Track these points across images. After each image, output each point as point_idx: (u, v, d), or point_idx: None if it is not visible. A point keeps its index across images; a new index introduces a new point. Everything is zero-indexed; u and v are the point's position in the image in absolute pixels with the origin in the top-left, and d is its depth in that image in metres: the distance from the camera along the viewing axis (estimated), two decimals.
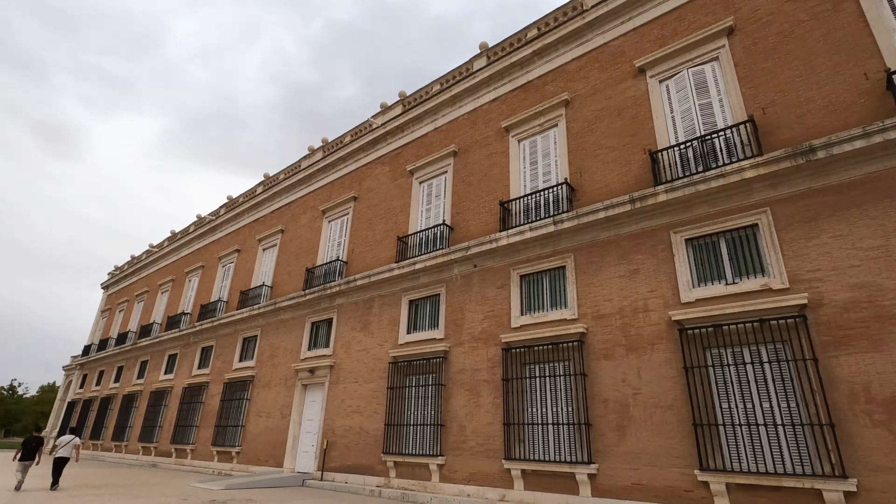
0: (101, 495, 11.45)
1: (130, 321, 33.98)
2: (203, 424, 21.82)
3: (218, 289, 26.06)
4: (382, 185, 18.74)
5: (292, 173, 24.04)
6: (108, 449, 28.45)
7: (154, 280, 33.40)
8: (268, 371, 19.74)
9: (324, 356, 17.48)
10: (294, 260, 21.41)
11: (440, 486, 12.32)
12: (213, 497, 11.72)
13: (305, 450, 16.93)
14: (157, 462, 23.32)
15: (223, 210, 29.03)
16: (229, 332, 22.97)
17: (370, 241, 18.06)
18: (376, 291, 16.58)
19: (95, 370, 35.27)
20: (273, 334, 20.41)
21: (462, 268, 14.27)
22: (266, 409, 18.89)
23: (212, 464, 20.20)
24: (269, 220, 24.52)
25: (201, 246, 29.86)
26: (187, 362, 25.19)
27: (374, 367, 15.49)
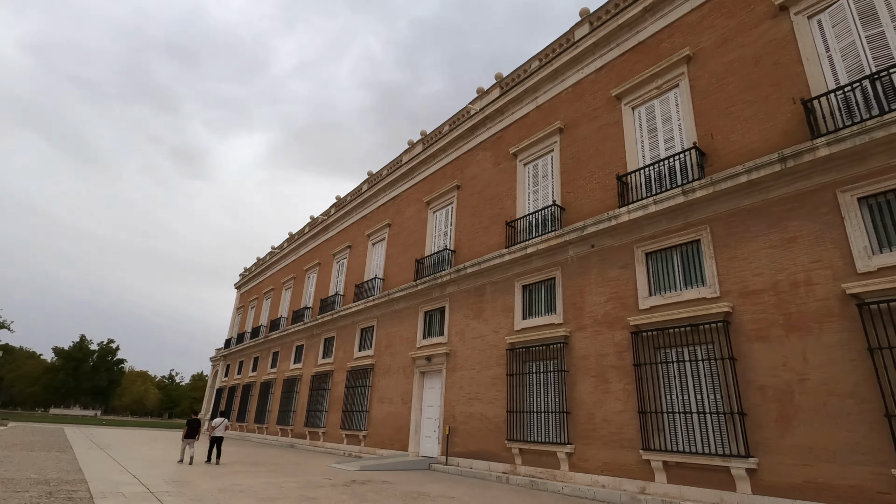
0: (258, 472, 12.68)
1: (261, 316, 37.67)
2: (331, 409, 23.48)
3: (334, 283, 27.80)
4: (485, 172, 18.51)
5: (394, 168, 24.75)
6: (252, 430, 31.89)
7: (278, 278, 36.63)
8: (386, 360, 20.63)
9: (439, 344, 17.80)
10: (402, 252, 22.06)
11: (570, 475, 11.90)
12: (352, 478, 12.45)
13: (427, 435, 17.42)
14: (294, 443, 25.61)
15: (333, 210, 30.85)
16: (348, 324, 24.40)
17: (477, 228, 17.96)
18: (487, 278, 16.45)
19: (236, 361, 39.72)
20: (388, 324, 21.26)
21: (578, 249, 13.58)
22: (388, 396, 19.76)
23: (342, 446, 21.67)
24: (376, 216, 25.54)
25: (316, 245, 32.07)
26: (313, 352, 27.27)
27: (491, 354, 15.41)
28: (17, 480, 8.82)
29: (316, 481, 11.37)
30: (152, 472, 11.49)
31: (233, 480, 10.66)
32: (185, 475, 11.17)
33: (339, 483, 11.25)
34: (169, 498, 8.06)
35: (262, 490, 9.52)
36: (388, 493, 9.95)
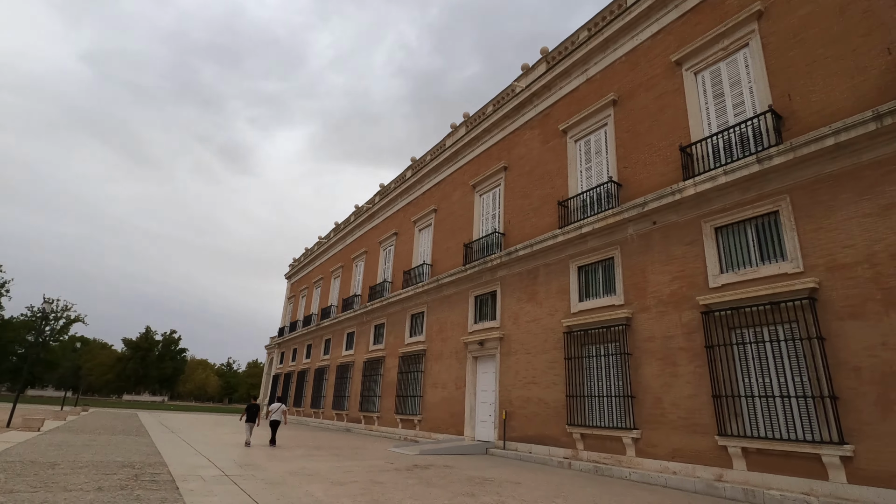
0: (322, 456, 12.98)
1: (311, 305, 38.69)
2: (385, 394, 23.84)
3: (382, 271, 28.05)
4: (533, 151, 17.95)
5: (438, 153, 24.49)
6: (309, 415, 32.99)
7: (327, 267, 37.41)
8: (438, 345, 20.64)
9: (491, 329, 17.59)
10: (450, 237, 21.88)
11: (637, 461, 11.48)
12: (414, 462, 12.52)
13: (483, 419, 17.34)
14: (350, 427, 26.26)
15: (377, 198, 31.02)
16: (398, 310, 24.58)
17: (526, 209, 17.50)
18: (540, 260, 16.03)
19: (290, 348, 41.10)
20: (438, 310, 21.23)
21: (638, 226, 12.93)
22: (441, 381, 19.81)
23: (397, 430, 21.99)
24: (421, 202, 25.44)
25: (362, 233, 32.44)
26: (364, 339, 27.73)
27: (547, 338, 15.06)
28: (106, 464, 9.33)
29: (379, 465, 11.49)
30: (223, 455, 11.95)
31: (300, 464, 10.92)
32: (254, 458, 11.54)
33: (402, 467, 11.32)
34: (244, 481, 8.28)
35: (329, 474, 9.68)
36: (452, 478, 9.89)
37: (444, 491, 8.36)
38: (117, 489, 6.96)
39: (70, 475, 7.83)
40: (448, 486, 8.87)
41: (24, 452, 10.17)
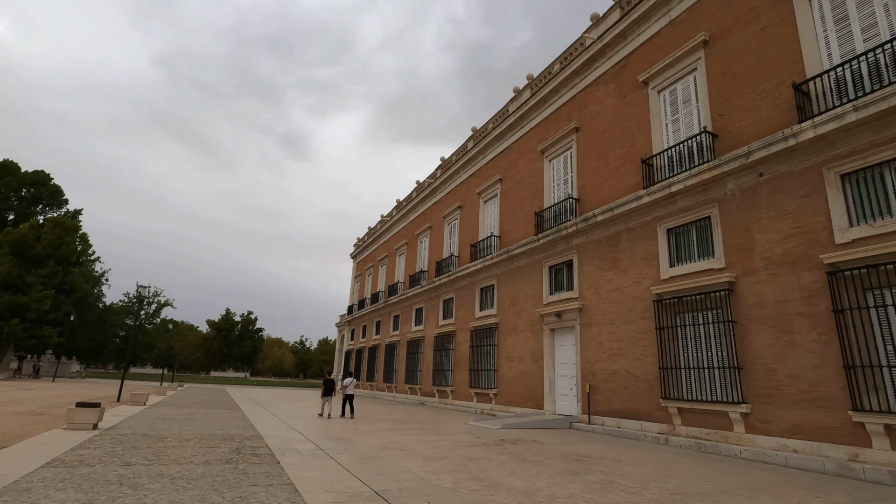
0: (406, 430, 12.97)
1: (378, 282, 39.34)
2: (457, 369, 23.78)
3: (447, 245, 27.74)
4: (608, 108, 16.61)
5: (501, 120, 23.50)
6: (382, 389, 33.85)
7: (391, 245, 37.73)
8: (511, 318, 20.12)
9: (569, 300, 16.78)
10: (518, 206, 21.05)
11: (748, 437, 10.46)
12: (499, 436, 12.21)
13: (563, 393, 16.74)
14: (423, 401, 26.58)
15: (439, 172, 30.54)
16: (466, 284, 24.24)
17: (603, 171, 16.32)
18: (622, 225, 14.93)
19: (359, 325, 42.24)
20: (510, 282, 20.63)
21: (740, 180, 11.55)
22: (516, 354, 19.34)
23: (471, 404, 21.89)
24: (485, 172, 24.66)
25: (425, 209, 32.21)
26: (433, 314, 27.75)
27: (633, 307, 14.08)
28: (208, 437, 9.68)
29: (465, 440, 11.25)
30: (311, 428, 12.19)
31: (388, 438, 10.87)
32: (343, 433, 11.66)
33: (490, 442, 11.01)
34: (339, 455, 8.25)
35: (419, 448, 9.52)
36: (546, 454, 9.43)
37: (543, 469, 7.91)
38: (223, 462, 7.06)
39: (178, 448, 8.11)
40: (545, 463, 8.41)
41: (135, 425, 10.81)
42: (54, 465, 6.28)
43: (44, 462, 6.37)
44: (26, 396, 19.40)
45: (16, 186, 52.15)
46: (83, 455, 6.99)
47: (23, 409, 14.20)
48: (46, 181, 54.16)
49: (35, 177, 53.56)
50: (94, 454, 7.10)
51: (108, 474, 5.91)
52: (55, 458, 6.61)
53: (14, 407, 14.55)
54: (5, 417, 11.66)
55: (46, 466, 6.15)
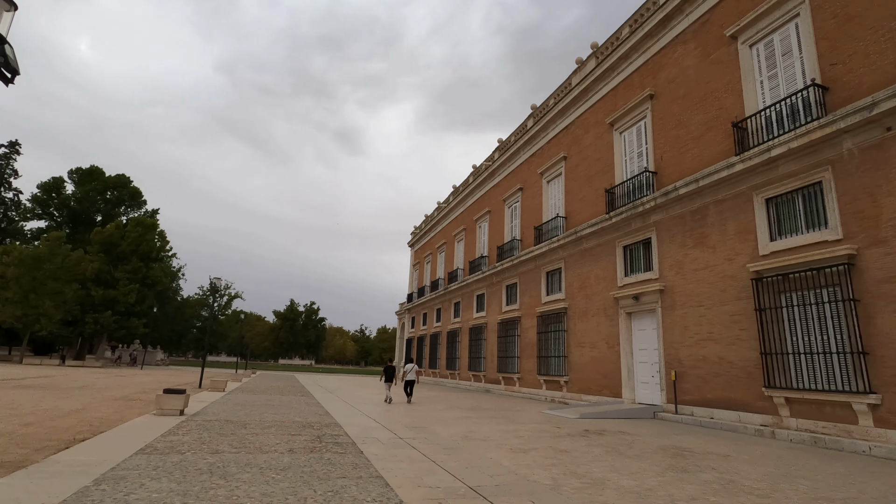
0: (481, 418, 12.52)
1: (437, 270, 39.18)
2: (524, 355, 23.09)
3: (509, 229, 26.93)
4: (688, 70, 15.12)
5: (563, 95, 22.27)
6: (444, 376, 33.77)
7: (449, 231, 37.37)
8: (581, 302, 19.14)
9: (648, 281, 15.61)
10: (586, 184, 19.88)
11: (878, 432, 9.12)
12: (582, 426, 11.48)
13: (643, 380, 15.67)
14: (489, 388, 26.15)
15: (497, 154, 29.67)
16: (530, 269, 23.39)
17: (684, 140, 14.92)
18: (709, 197, 13.57)
19: (420, 313, 42.39)
20: (578, 264, 19.60)
21: (860, 137, 10.01)
22: (588, 340, 18.39)
23: (540, 391, 21.17)
24: (547, 151, 23.56)
25: (483, 193, 31.49)
26: (495, 300, 27.13)
27: (725, 287, 12.78)
28: (288, 424, 9.65)
29: (546, 429, 10.63)
30: (385, 416, 12.00)
31: (466, 427, 10.45)
32: (419, 420, 11.37)
33: (574, 432, 10.32)
34: (421, 445, 7.88)
35: (501, 438, 9.00)
36: (641, 447, 8.63)
37: (645, 464, 7.15)
38: (307, 451, 6.86)
39: (261, 435, 8.04)
40: (644, 458, 7.63)
41: (218, 411, 11.03)
42: (147, 451, 6.28)
43: (137, 448, 6.40)
44: (119, 383, 20.77)
45: (101, 190, 56.51)
46: (173, 441, 7.02)
47: (117, 394, 15.06)
48: (127, 184, 58.30)
49: (117, 180, 57.78)
50: (183, 440, 7.12)
51: (198, 462, 5.81)
52: (147, 445, 6.65)
53: (109, 392, 15.48)
54: (103, 402, 12.31)
55: (140, 453, 6.16)
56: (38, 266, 37.86)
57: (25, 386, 16.43)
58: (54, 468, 5.20)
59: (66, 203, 54.31)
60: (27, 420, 8.47)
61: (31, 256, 37.90)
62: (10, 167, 50.49)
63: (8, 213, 50.79)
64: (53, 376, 23.02)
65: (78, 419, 9.01)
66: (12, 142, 50.61)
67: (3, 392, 13.74)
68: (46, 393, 14.17)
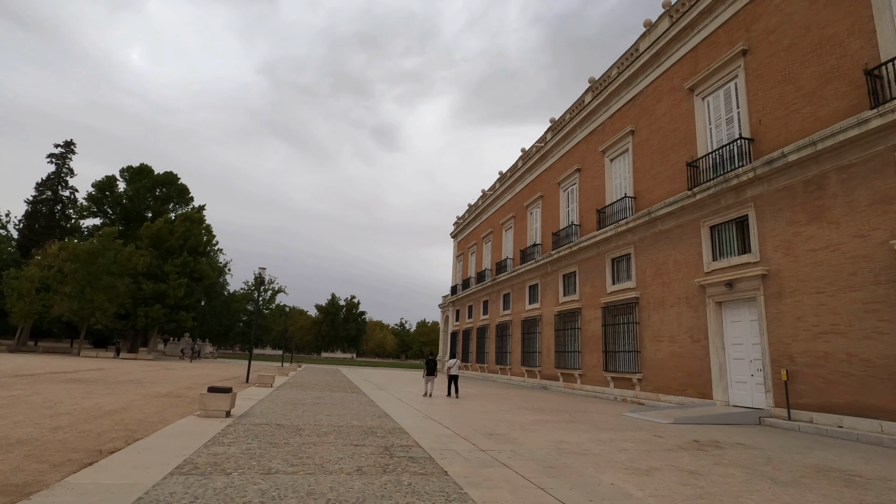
0: (554, 421, 10.93)
1: (483, 260, 37.56)
2: (586, 350, 21.21)
3: (565, 214, 25.00)
4: (795, 15, 12.83)
5: (628, 63, 20.11)
6: (494, 371, 32.19)
7: (495, 220, 35.64)
8: (656, 290, 17.11)
9: (745, 265, 13.48)
10: (659, 160, 17.76)
11: None
12: (687, 435, 9.66)
13: (739, 380, 13.60)
14: (545, 385, 24.41)
15: (549, 135, 27.69)
16: (592, 255, 21.44)
17: (791, 98, 12.67)
18: (830, 163, 11.35)
19: (465, 305, 40.94)
20: (651, 249, 17.55)
21: None
22: (666, 333, 16.37)
23: (607, 389, 19.29)
24: (610, 126, 21.46)
25: (534, 177, 29.58)
26: (550, 291, 25.30)
27: (856, 270, 10.59)
28: (347, 429, 8.35)
29: (646, 438, 8.90)
30: (453, 418, 10.58)
31: (551, 434, 8.87)
32: (492, 424, 9.87)
33: (684, 444, 8.55)
34: (512, 461, 6.38)
35: (604, 452, 7.37)
36: (786, 468, 6.81)
37: (816, 496, 5.37)
38: (380, 471, 5.47)
39: (319, 445, 6.74)
40: (807, 486, 5.84)
41: (267, 412, 9.89)
42: (185, 470, 5.04)
43: (174, 466, 5.17)
44: (167, 377, 20.31)
45: (150, 187, 57.84)
46: (217, 455, 5.78)
47: (162, 390, 14.32)
48: (175, 181, 59.49)
49: (165, 178, 59.01)
50: (229, 454, 5.87)
51: (247, 489, 4.49)
52: (186, 460, 5.42)
53: (155, 388, 14.77)
54: (146, 399, 11.45)
55: (176, 472, 4.91)
56: (93, 261, 38.74)
57: (75, 380, 16.01)
58: (65, 498, 3.97)
59: (119, 201, 55.89)
60: (59, 423, 7.49)
61: (85, 252, 38.83)
62: (67, 166, 52.23)
63: (66, 211, 52.62)
64: (105, 369, 22.96)
65: (115, 421, 8.00)
66: (67, 141, 52.38)
67: (50, 387, 13.19)
68: (92, 388, 13.54)
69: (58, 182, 51.44)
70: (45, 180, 50.54)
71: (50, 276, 38.28)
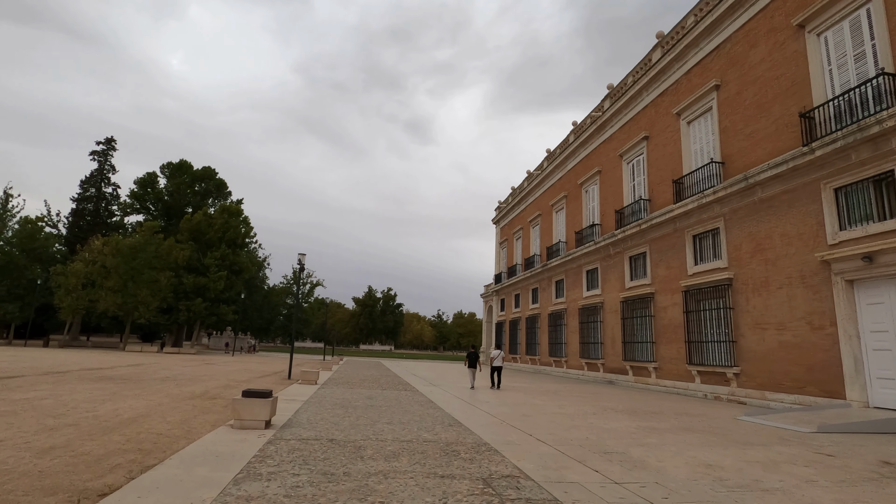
0: (669, 431, 8.73)
1: (531, 246, 35.17)
2: (662, 340, 18.71)
3: (629, 189, 22.39)
4: None
5: (710, 7, 17.30)
6: (547, 364, 29.92)
7: (544, 202, 33.17)
8: (756, 269, 14.48)
9: (891, 233, 10.77)
10: (756, 115, 15.01)
11: None
12: (869, 454, 7.25)
13: (885, 375, 10.94)
14: (612, 379, 22.01)
15: (607, 103, 25.00)
16: (667, 233, 18.84)
17: None
18: None
19: (510, 294, 38.70)
20: (748, 221, 14.90)
21: None
22: (773, 319, 13.76)
23: (691, 385, 16.80)
24: (686, 84, 18.70)
25: (588, 152, 26.97)
26: (613, 274, 22.81)
27: None
28: (419, 445, 6.43)
29: (810, 458, 6.60)
30: (541, 426, 8.52)
31: (689, 455, 6.68)
32: (603, 439, 7.76)
33: (876, 468, 6.20)
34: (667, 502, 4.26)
35: (776, 482, 5.18)
36: None
37: None
38: None
39: (392, 477, 4.84)
40: None
41: (315, 420, 8.11)
42: None
43: None
44: (205, 373, 19.13)
45: (190, 182, 58.06)
46: (251, 498, 3.92)
47: (197, 389, 12.88)
48: (213, 175, 59.56)
49: (204, 173, 59.11)
50: (268, 496, 4.00)
51: None
52: None
53: (190, 387, 13.36)
54: (175, 402, 9.91)
55: None
56: (135, 255, 38.64)
57: (105, 378, 14.86)
58: None
59: (160, 197, 56.34)
60: (55, 441, 5.86)
61: (127, 246, 38.77)
62: (108, 163, 52.83)
63: (109, 207, 53.32)
64: (144, 365, 22.11)
65: (128, 436, 6.36)
66: (108, 138, 52.95)
67: (73, 387, 11.93)
68: (120, 388, 12.20)
69: (101, 179, 52.09)
70: (89, 178, 51.26)
71: (94, 271, 38.41)
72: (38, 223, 46.14)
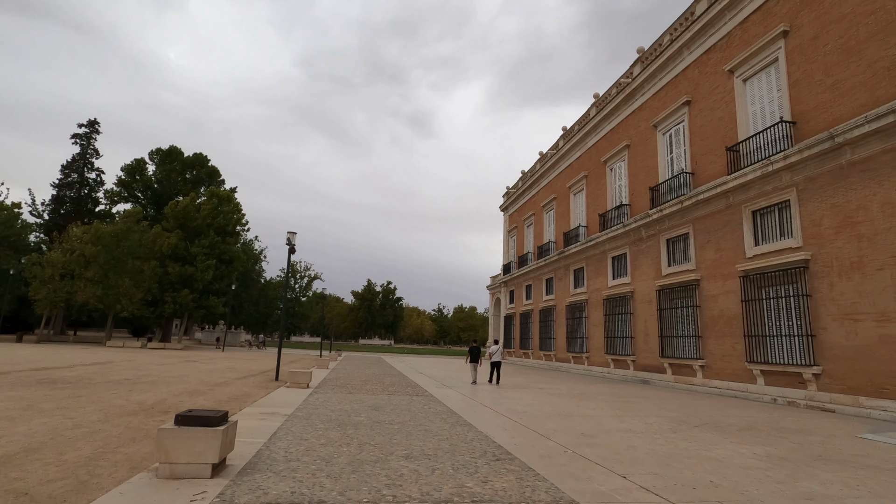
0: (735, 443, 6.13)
1: (544, 233, 32.52)
2: (710, 334, 16.14)
3: (665, 163, 19.73)
4: None
5: None
6: (565, 360, 27.33)
7: (560, 183, 30.48)
8: (844, 248, 11.87)
9: None
10: (842, 61, 12.35)
11: None
12: None
13: None
14: (646, 379, 19.43)
15: (637, 68, 22.27)
16: (718, 210, 16.22)
17: None
18: None
19: (521, 285, 36.09)
20: (832, 190, 12.28)
21: None
22: (869, 309, 11.17)
23: (751, 387, 14.23)
24: (740, 36, 16.00)
25: (613, 125, 24.27)
26: (646, 261, 20.20)
27: None
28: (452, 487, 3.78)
29: None
30: (622, 455, 5.93)
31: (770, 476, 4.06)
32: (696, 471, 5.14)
33: None
34: None
35: None
36: None
37: None
38: None
39: None
40: None
41: (297, 456, 5.53)
42: None
43: None
44: (175, 374, 16.49)
45: (180, 170, 55.10)
46: None
47: (150, 397, 10.22)
48: (205, 163, 56.58)
49: (195, 159, 56.12)
50: None
51: None
52: None
53: (141, 394, 10.68)
54: (104, 421, 7.27)
55: None
56: (117, 244, 35.88)
57: (48, 381, 12.21)
58: None
59: (149, 185, 53.42)
60: None
61: (108, 234, 35.99)
62: (92, 147, 49.89)
63: (92, 193, 50.43)
64: (112, 363, 19.45)
65: None
66: (91, 121, 49.96)
67: None
68: (49, 396, 9.58)
69: (84, 164, 49.12)
70: (70, 162, 48.26)
71: (72, 260, 35.62)
72: (14, 209, 43.27)
